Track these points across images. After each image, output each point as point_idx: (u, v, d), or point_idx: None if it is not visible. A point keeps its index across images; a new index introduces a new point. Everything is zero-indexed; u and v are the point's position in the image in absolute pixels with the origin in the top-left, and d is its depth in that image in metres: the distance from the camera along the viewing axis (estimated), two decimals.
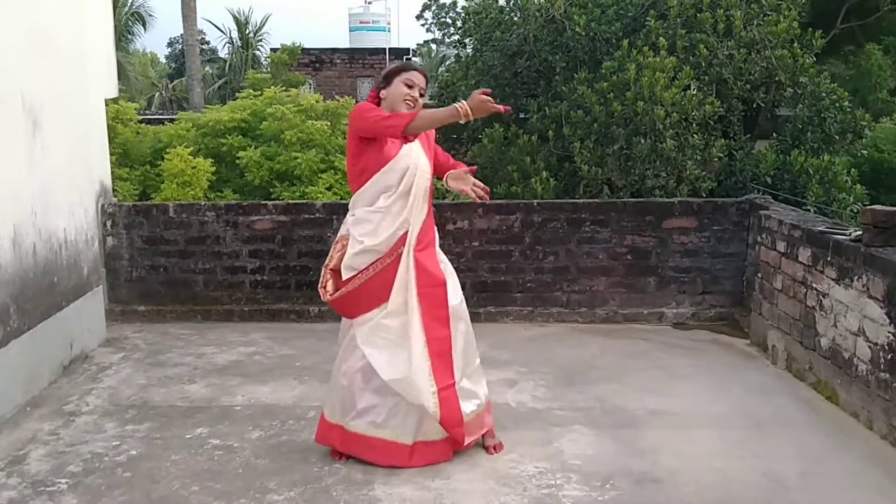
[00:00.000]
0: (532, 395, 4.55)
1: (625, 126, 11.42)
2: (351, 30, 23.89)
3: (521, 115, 13.91)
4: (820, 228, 4.55)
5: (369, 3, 23.88)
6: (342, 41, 24.45)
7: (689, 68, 11.51)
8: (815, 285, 4.52)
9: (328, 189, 11.10)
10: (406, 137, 3.50)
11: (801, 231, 4.69)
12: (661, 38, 11.62)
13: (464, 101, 3.34)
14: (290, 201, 7.44)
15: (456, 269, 5.82)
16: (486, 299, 5.98)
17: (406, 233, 3.47)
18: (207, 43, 36.41)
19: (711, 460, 3.69)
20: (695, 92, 11.62)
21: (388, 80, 3.57)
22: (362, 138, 3.50)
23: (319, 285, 3.60)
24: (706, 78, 11.86)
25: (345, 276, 3.48)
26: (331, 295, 3.53)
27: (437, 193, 11.80)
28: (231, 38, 29.55)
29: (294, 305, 6.01)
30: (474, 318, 5.87)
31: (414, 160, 3.50)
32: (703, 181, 11.19)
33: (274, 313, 6.00)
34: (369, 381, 3.52)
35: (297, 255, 5.98)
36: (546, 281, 5.97)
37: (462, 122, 3.37)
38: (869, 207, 4.19)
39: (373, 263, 3.46)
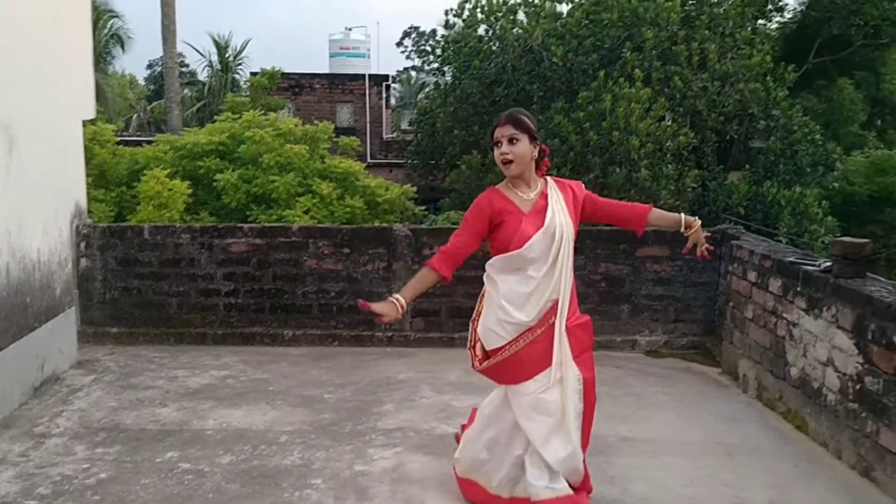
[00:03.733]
0: None
1: (600, 155, 11.56)
2: (331, 55, 24.01)
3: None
4: (790, 259, 4.62)
5: (350, 29, 24.08)
6: (322, 66, 24.54)
7: (664, 100, 11.72)
8: (785, 315, 4.59)
9: (305, 212, 11.09)
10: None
11: (772, 261, 4.76)
12: (637, 70, 11.82)
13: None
14: (266, 224, 7.42)
15: (431, 294, 5.95)
16: (461, 325, 5.95)
17: (556, 302, 3.29)
18: (187, 66, 36.41)
19: (682, 488, 3.72)
20: (669, 123, 11.80)
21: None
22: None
23: (468, 345, 3.51)
24: (680, 109, 12.07)
25: (491, 346, 3.34)
26: (479, 362, 3.41)
27: (417, 217, 11.87)
28: (210, 61, 29.59)
29: (268, 329, 5.98)
30: (448, 342, 5.96)
31: (559, 227, 3.29)
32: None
33: (248, 337, 5.97)
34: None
35: (273, 278, 5.97)
36: None
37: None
38: (839, 239, 4.27)
39: (523, 335, 3.27)
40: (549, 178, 3.47)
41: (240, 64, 28.44)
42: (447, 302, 5.97)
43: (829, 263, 4.24)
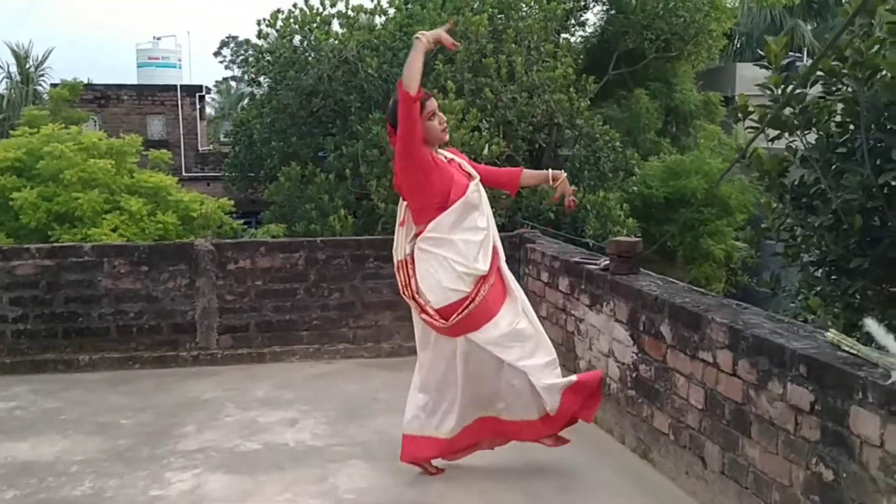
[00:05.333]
0: (312, 433, 4.54)
1: None
2: (139, 65, 22.97)
3: (319, 154, 14.00)
4: (576, 259, 4.93)
5: (158, 39, 23.12)
6: (130, 77, 23.42)
7: (477, 110, 12.13)
8: (573, 312, 4.89)
9: (113, 230, 10.58)
10: (418, 100, 3.44)
11: (560, 262, 5.06)
12: (450, 82, 12.18)
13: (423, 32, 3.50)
14: (56, 244, 6.99)
15: (238, 309, 5.86)
16: (271, 339, 5.91)
17: (495, 247, 3.68)
18: None
19: (478, 482, 3.86)
20: (483, 132, 12.22)
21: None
22: (424, 171, 3.52)
23: (419, 313, 3.65)
24: (493, 119, 12.55)
25: (451, 299, 3.53)
26: (444, 320, 3.55)
27: (235, 231, 11.57)
28: (9, 72, 27.46)
29: (62, 355, 5.63)
30: (259, 358, 5.88)
31: (478, 181, 3.68)
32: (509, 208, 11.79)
33: (39, 364, 5.59)
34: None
35: (65, 300, 5.63)
36: (332, 318, 6.01)
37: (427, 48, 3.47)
38: (614, 239, 4.60)
39: (481, 284, 3.58)
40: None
41: (42, 75, 26.54)
42: (256, 317, 5.88)
43: (607, 262, 4.55)
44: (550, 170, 4.00)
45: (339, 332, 6.03)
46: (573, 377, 3.79)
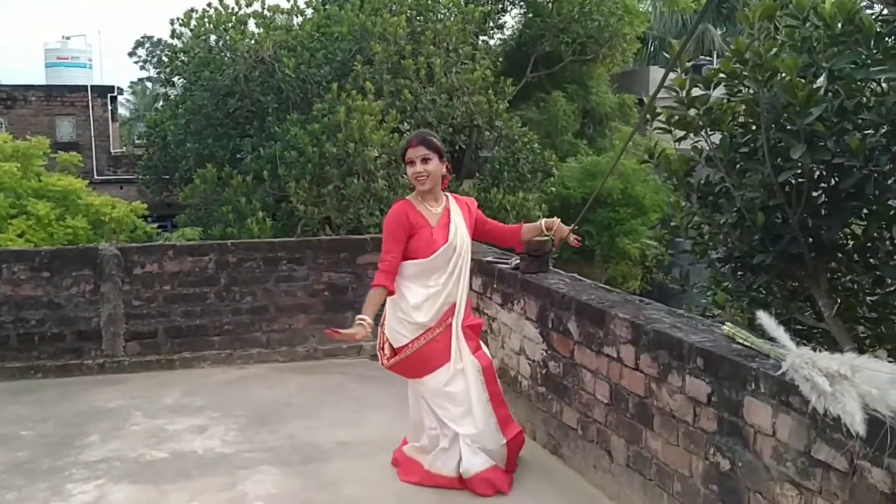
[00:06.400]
0: (222, 440, 4.45)
1: (339, 166, 11.68)
2: (47, 65, 22.08)
3: (236, 155, 13.74)
4: (489, 258, 4.96)
5: (67, 38, 22.26)
6: (38, 77, 22.53)
7: (396, 112, 12.09)
8: (486, 311, 4.92)
9: (20, 236, 10.21)
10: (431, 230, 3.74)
11: (474, 262, 5.05)
12: (368, 83, 12.10)
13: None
14: None
15: (146, 315, 5.70)
16: (180, 345, 5.77)
17: (454, 305, 3.75)
18: None
19: (392, 484, 3.85)
20: (403, 134, 12.19)
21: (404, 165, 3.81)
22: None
23: (377, 346, 3.84)
24: (413, 121, 12.51)
25: (397, 344, 3.73)
26: (387, 360, 3.78)
27: (148, 235, 11.24)
28: None
29: None
30: (168, 365, 5.73)
31: (460, 242, 3.78)
32: None
33: None
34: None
35: None
36: (244, 322, 5.90)
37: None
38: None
39: (423, 334, 3.69)
40: (449, 194, 3.89)
41: None
42: (165, 323, 5.72)
43: (518, 261, 4.60)
44: (543, 220, 4.13)
45: (252, 337, 5.93)
46: (492, 463, 3.76)
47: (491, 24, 16.57)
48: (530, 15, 16.81)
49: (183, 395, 5.18)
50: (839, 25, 3.67)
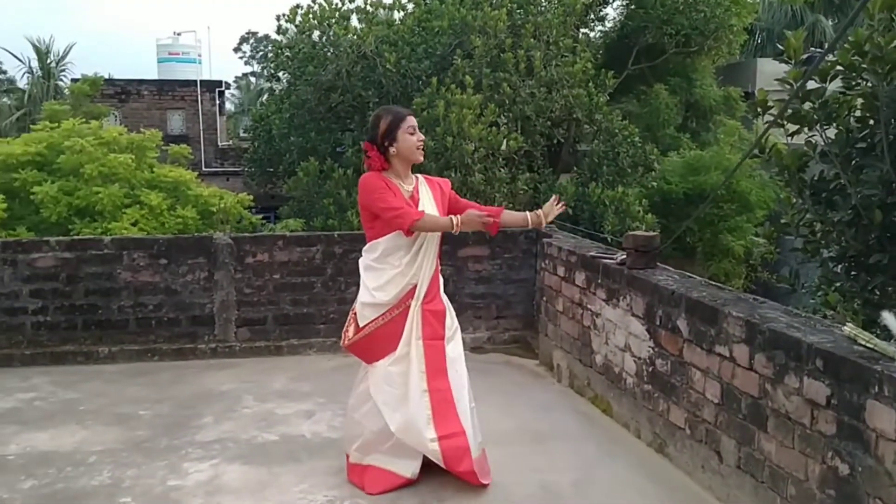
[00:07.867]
0: (329, 425, 4.57)
1: (436, 160, 11.79)
2: (159, 61, 23.07)
3: (337, 149, 14.04)
4: (592, 253, 4.91)
5: (178, 34, 23.24)
6: (151, 72, 23.56)
7: (495, 105, 12.11)
8: (589, 306, 4.87)
9: (133, 224, 10.65)
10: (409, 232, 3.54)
11: (577, 256, 5.04)
12: (468, 77, 12.15)
13: (458, 217, 3.54)
14: (76, 237, 7.06)
15: (256, 302, 5.89)
16: (288, 332, 5.95)
17: (415, 286, 3.63)
18: (4, 73, 34.00)
19: (494, 475, 3.85)
20: (501, 128, 12.20)
21: (390, 136, 3.57)
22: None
23: (344, 329, 3.79)
24: (510, 115, 12.50)
25: (360, 323, 3.66)
26: (347, 340, 3.73)
27: (253, 226, 11.63)
28: (31, 67, 27.73)
29: (81, 347, 5.69)
30: (276, 351, 5.91)
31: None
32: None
33: (59, 356, 5.65)
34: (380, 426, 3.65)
35: (85, 293, 5.69)
36: (349, 311, 6.01)
37: (454, 232, 3.58)
38: (631, 233, 4.59)
39: (382, 314, 3.61)
40: (419, 175, 3.77)
41: (63, 70, 26.78)
42: (274, 310, 5.91)
43: (624, 256, 4.54)
44: (528, 213, 3.85)
45: None
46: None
47: (592, 16, 16.35)
48: (632, 7, 16.47)
49: (290, 380, 5.34)
50: None
